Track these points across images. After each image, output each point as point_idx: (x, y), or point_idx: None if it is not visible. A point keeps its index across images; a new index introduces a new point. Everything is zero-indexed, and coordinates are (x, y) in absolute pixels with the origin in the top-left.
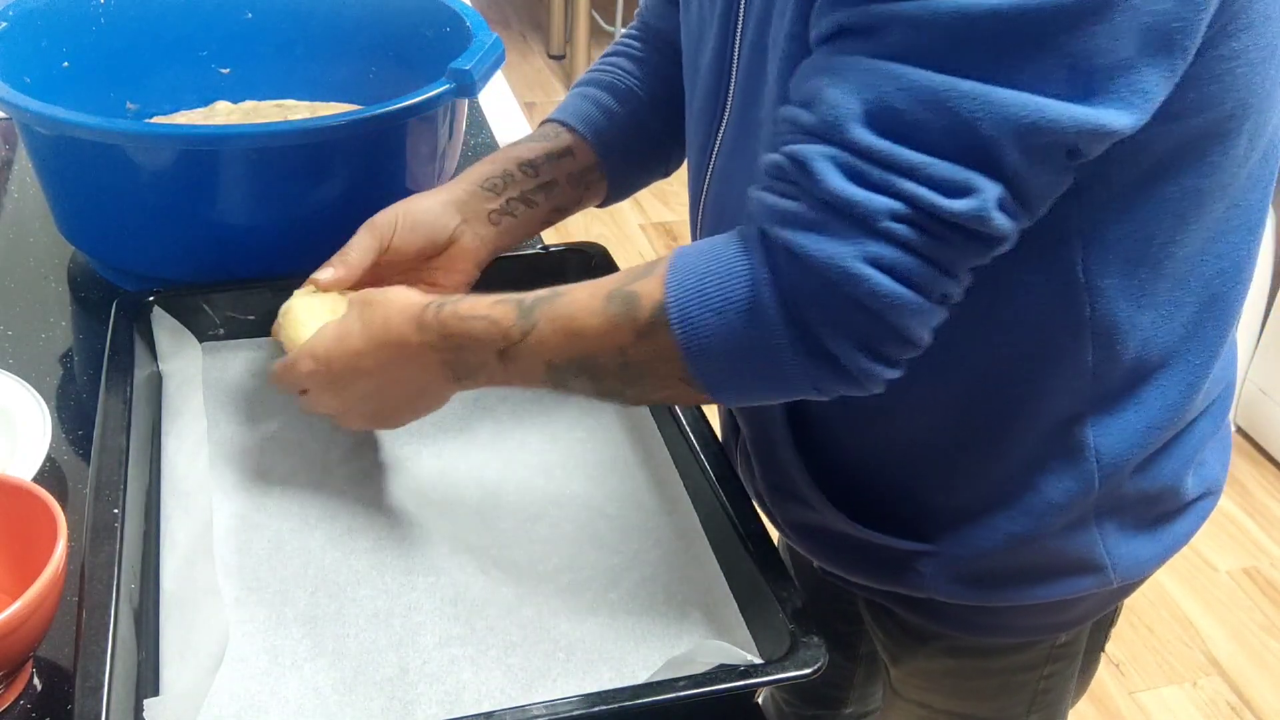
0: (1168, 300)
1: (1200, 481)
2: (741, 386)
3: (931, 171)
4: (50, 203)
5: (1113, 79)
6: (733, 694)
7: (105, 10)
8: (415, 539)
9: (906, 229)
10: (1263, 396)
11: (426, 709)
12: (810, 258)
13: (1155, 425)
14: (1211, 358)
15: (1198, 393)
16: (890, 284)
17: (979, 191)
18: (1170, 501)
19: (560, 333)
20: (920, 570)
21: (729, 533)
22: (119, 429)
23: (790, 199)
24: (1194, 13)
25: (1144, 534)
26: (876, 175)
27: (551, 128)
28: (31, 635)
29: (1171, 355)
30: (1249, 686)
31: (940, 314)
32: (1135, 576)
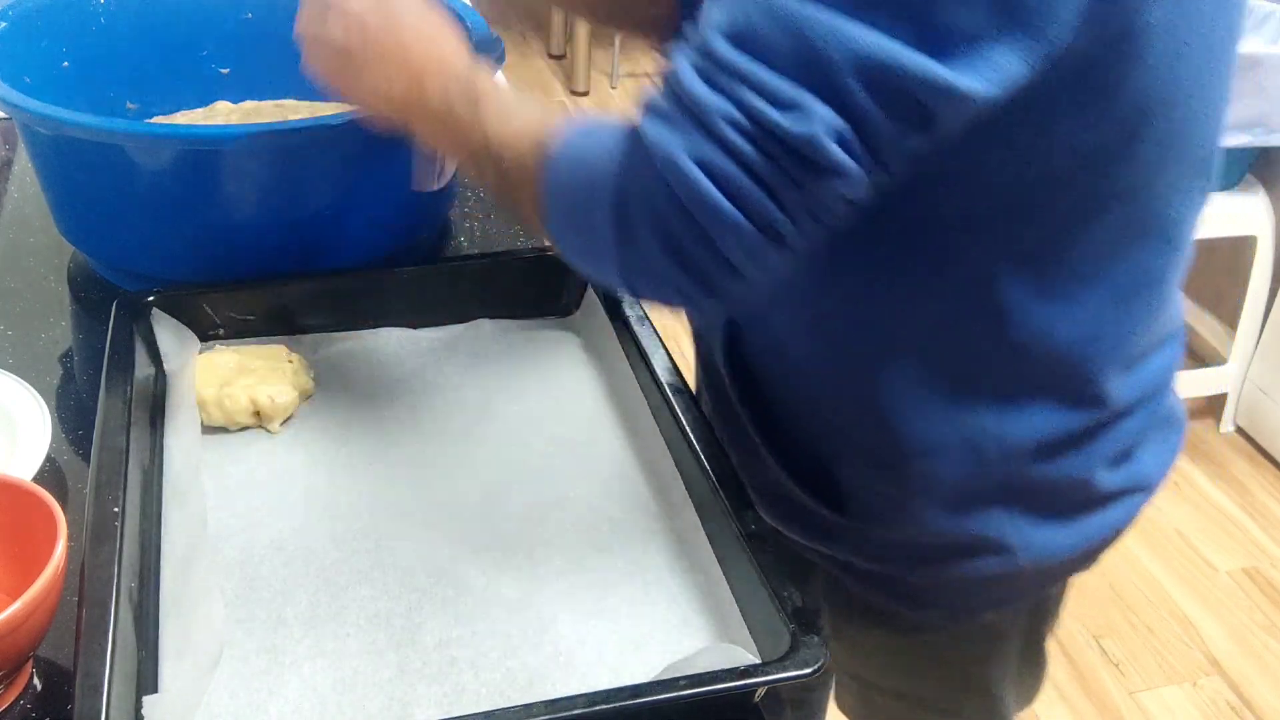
0: (1067, 295)
1: (1126, 477)
2: (573, 248)
3: (770, 84)
4: (50, 203)
5: (962, 44)
6: (733, 694)
7: (105, 10)
8: (416, 540)
9: (737, 136)
10: (1263, 396)
11: (426, 710)
12: (650, 144)
13: (1055, 417)
14: (1124, 362)
15: (1103, 393)
16: (711, 189)
17: (811, 111)
18: (1082, 493)
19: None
20: (839, 538)
21: (729, 534)
22: (119, 429)
23: (660, 93)
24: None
25: (1054, 521)
26: (723, 80)
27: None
28: (31, 635)
29: (1074, 353)
30: (1249, 686)
31: (767, 250)
32: (1047, 560)
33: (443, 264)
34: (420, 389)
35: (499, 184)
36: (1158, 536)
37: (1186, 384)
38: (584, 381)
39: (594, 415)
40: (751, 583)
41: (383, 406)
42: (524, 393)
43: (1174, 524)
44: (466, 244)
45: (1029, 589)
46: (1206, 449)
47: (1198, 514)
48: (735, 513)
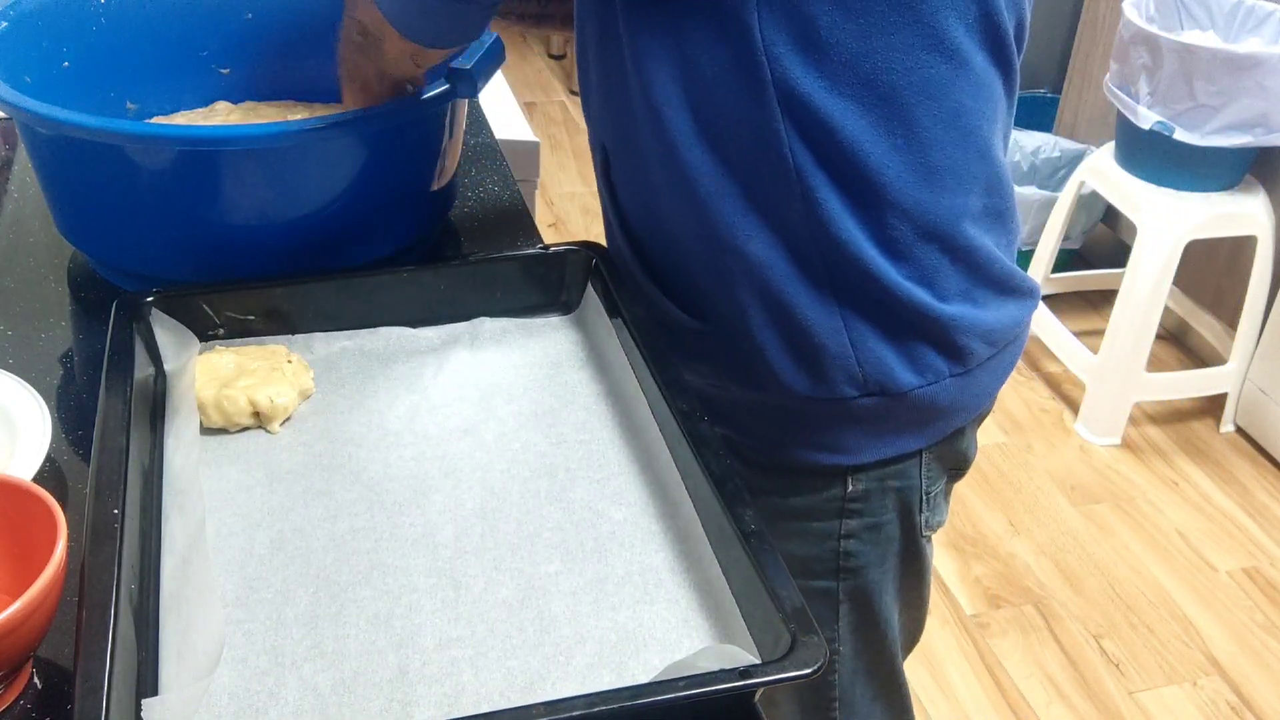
0: (850, 93)
1: (960, 314)
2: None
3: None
4: (50, 203)
5: None
6: (733, 694)
7: (105, 10)
8: (417, 540)
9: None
10: (1263, 396)
11: (426, 710)
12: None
13: (863, 225)
14: (920, 177)
15: (904, 196)
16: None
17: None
18: (914, 316)
19: None
20: (702, 352)
21: (729, 534)
22: (119, 429)
23: None
24: None
25: (890, 343)
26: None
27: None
28: (31, 635)
29: (870, 163)
30: (1249, 686)
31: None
32: (881, 379)
33: (443, 264)
34: (420, 389)
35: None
36: (1158, 536)
37: (1186, 384)
38: (584, 381)
39: (594, 415)
40: (751, 583)
41: (383, 406)
42: (524, 392)
43: (1174, 524)
44: (466, 244)
45: (875, 435)
46: (1206, 449)
47: (1198, 514)
48: (735, 513)
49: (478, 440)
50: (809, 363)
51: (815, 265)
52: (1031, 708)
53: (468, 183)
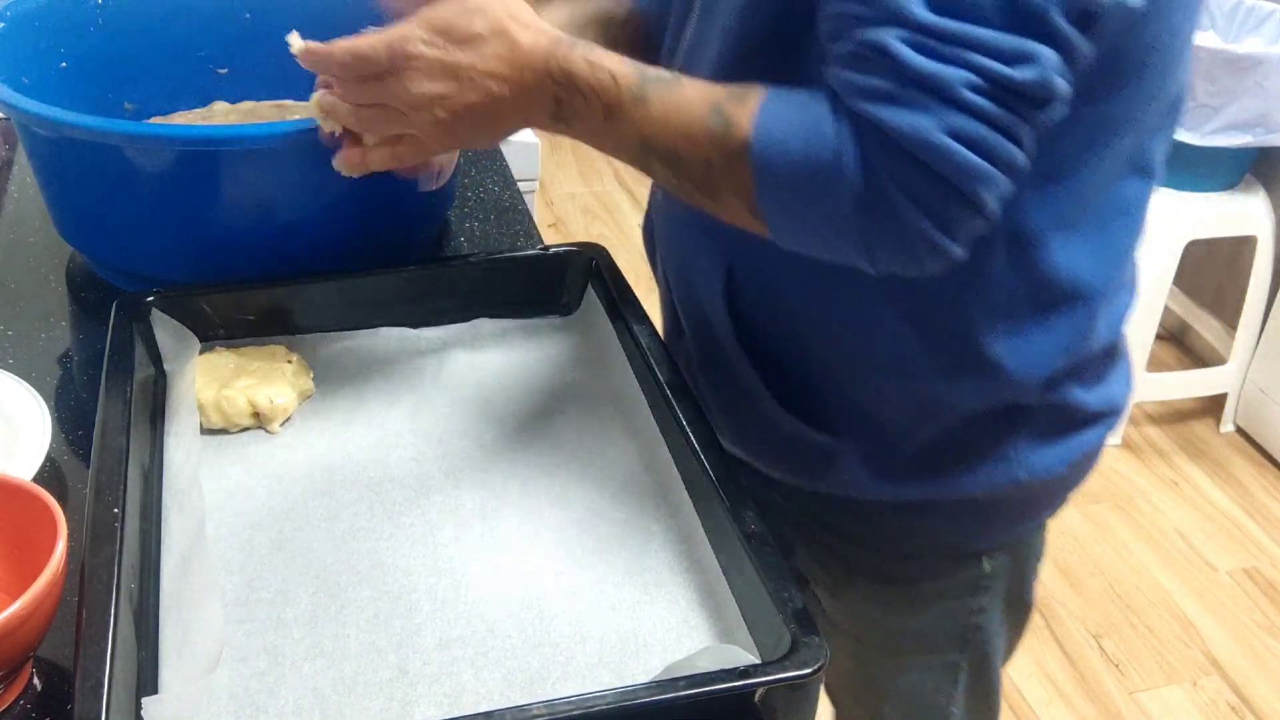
0: (1073, 223)
1: (1102, 400)
2: (802, 237)
3: (996, 44)
4: (49, 203)
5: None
6: (733, 694)
7: (103, 11)
8: (416, 539)
9: (981, 99)
10: (1263, 396)
11: (426, 710)
12: (895, 130)
13: (1063, 350)
14: (1107, 288)
15: (1098, 321)
16: (968, 155)
17: (1040, 59)
18: (1072, 414)
19: (664, 119)
20: (837, 465)
21: (729, 534)
22: (119, 429)
23: (875, 76)
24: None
25: (1049, 441)
26: (946, 50)
27: None
28: (31, 635)
29: (1073, 281)
30: (1249, 686)
31: (1008, 185)
32: (1040, 476)
33: (443, 264)
34: (420, 389)
35: (673, 181)
36: (1158, 536)
37: (1186, 384)
38: (584, 381)
39: (594, 415)
40: (751, 583)
41: (383, 406)
42: (524, 392)
43: (1174, 524)
44: (466, 244)
45: (1019, 517)
46: (1206, 449)
47: (1198, 514)
48: (735, 513)
49: (478, 440)
50: (965, 465)
51: (990, 375)
52: (1031, 707)
53: (468, 183)
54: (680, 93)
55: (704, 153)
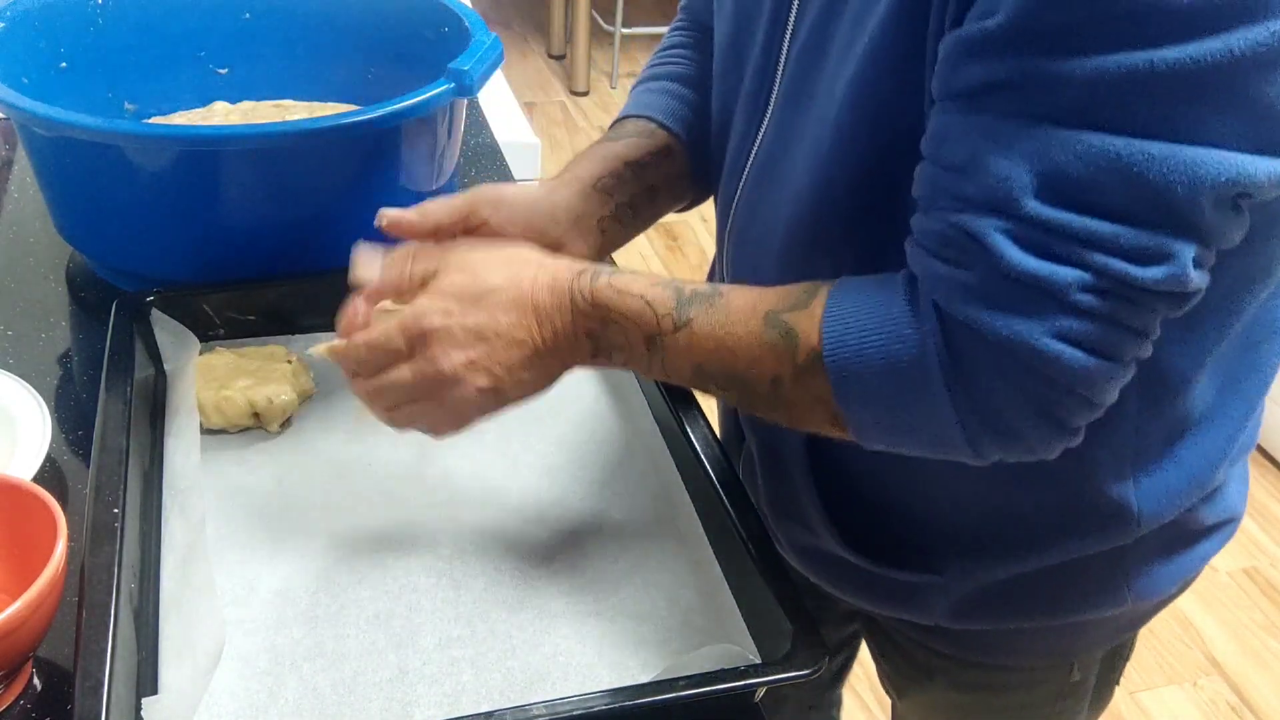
0: (1211, 351)
1: (1220, 510)
2: (896, 441)
3: (1123, 241)
4: (49, 203)
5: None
6: (733, 694)
7: (103, 11)
8: (417, 540)
9: (1097, 299)
10: None
11: (426, 710)
12: (994, 334)
13: (1196, 482)
14: (1250, 409)
15: (1235, 444)
16: (1082, 357)
17: (1176, 257)
18: (1189, 528)
19: (713, 340)
20: (927, 600)
21: (731, 534)
22: (119, 429)
23: (965, 269)
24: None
25: (1161, 561)
26: (1060, 247)
27: (642, 124)
28: (31, 635)
29: (1212, 408)
30: (1249, 686)
31: (1131, 371)
32: (1150, 598)
33: None
34: None
35: (737, 401)
36: None
37: None
38: (584, 381)
39: (594, 415)
40: (752, 583)
41: None
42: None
43: None
44: None
45: (1121, 631)
46: None
47: None
48: (735, 513)
49: (478, 440)
50: (1068, 597)
51: (1116, 519)
52: None
53: (467, 183)
54: (726, 309)
55: (769, 370)
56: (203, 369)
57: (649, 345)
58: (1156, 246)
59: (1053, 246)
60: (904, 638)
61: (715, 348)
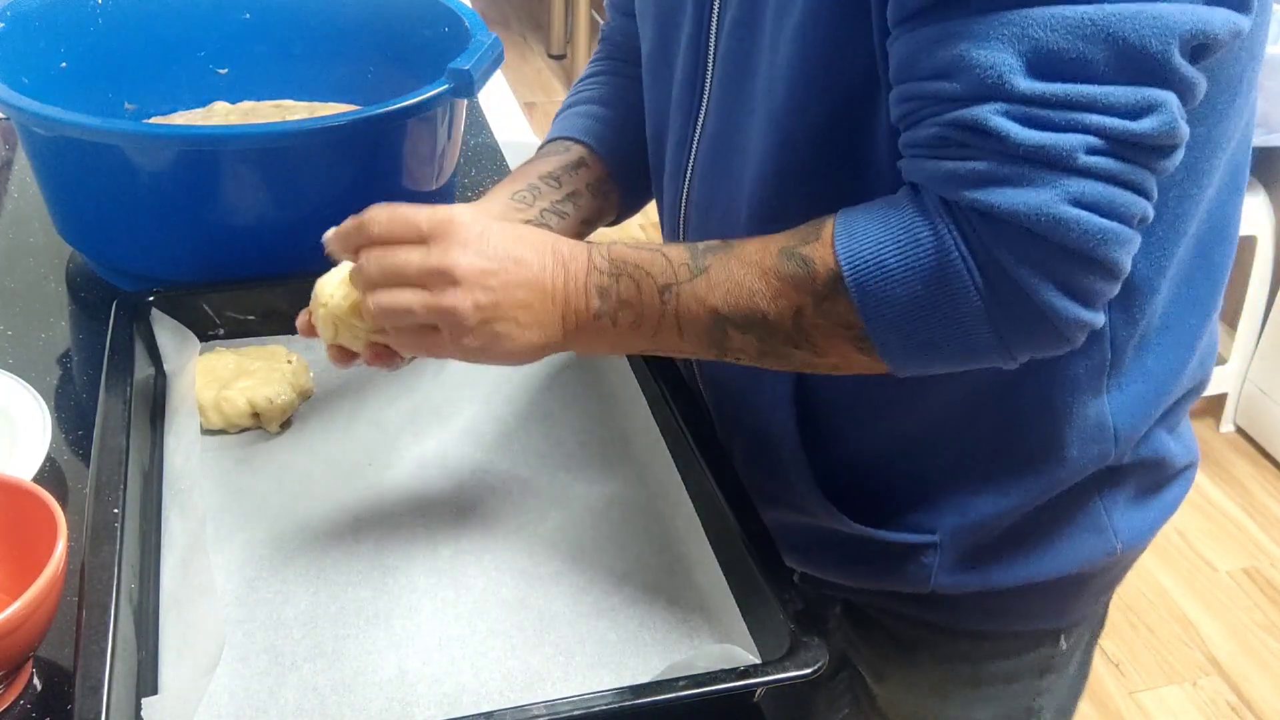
0: (1171, 253)
1: (1185, 451)
2: (924, 355)
3: (1113, 99)
4: (49, 203)
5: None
6: (733, 694)
7: (103, 11)
8: (417, 540)
9: (1105, 159)
10: (1262, 396)
11: (426, 710)
12: (1012, 212)
13: (1162, 392)
14: (1205, 317)
15: (1193, 355)
16: (1098, 220)
17: (1162, 105)
18: (1163, 471)
19: (731, 281)
20: (921, 562)
21: (731, 534)
22: (119, 429)
23: (971, 161)
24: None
25: (1140, 503)
26: (1058, 117)
27: (558, 144)
28: (31, 635)
29: (1170, 316)
30: (1249, 686)
31: (1139, 239)
32: (1135, 544)
33: None
34: (420, 389)
35: (759, 346)
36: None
37: None
38: (584, 382)
39: (593, 415)
40: (752, 583)
41: (382, 406)
42: (523, 393)
43: (1174, 524)
44: None
45: (1104, 589)
46: (1206, 449)
47: (1198, 514)
48: (735, 513)
49: (477, 440)
50: (1059, 543)
51: (1095, 438)
52: None
53: (467, 183)
54: (741, 251)
55: (790, 303)
56: (203, 368)
57: (663, 295)
58: (1145, 99)
59: (1050, 117)
60: (889, 616)
61: (733, 289)
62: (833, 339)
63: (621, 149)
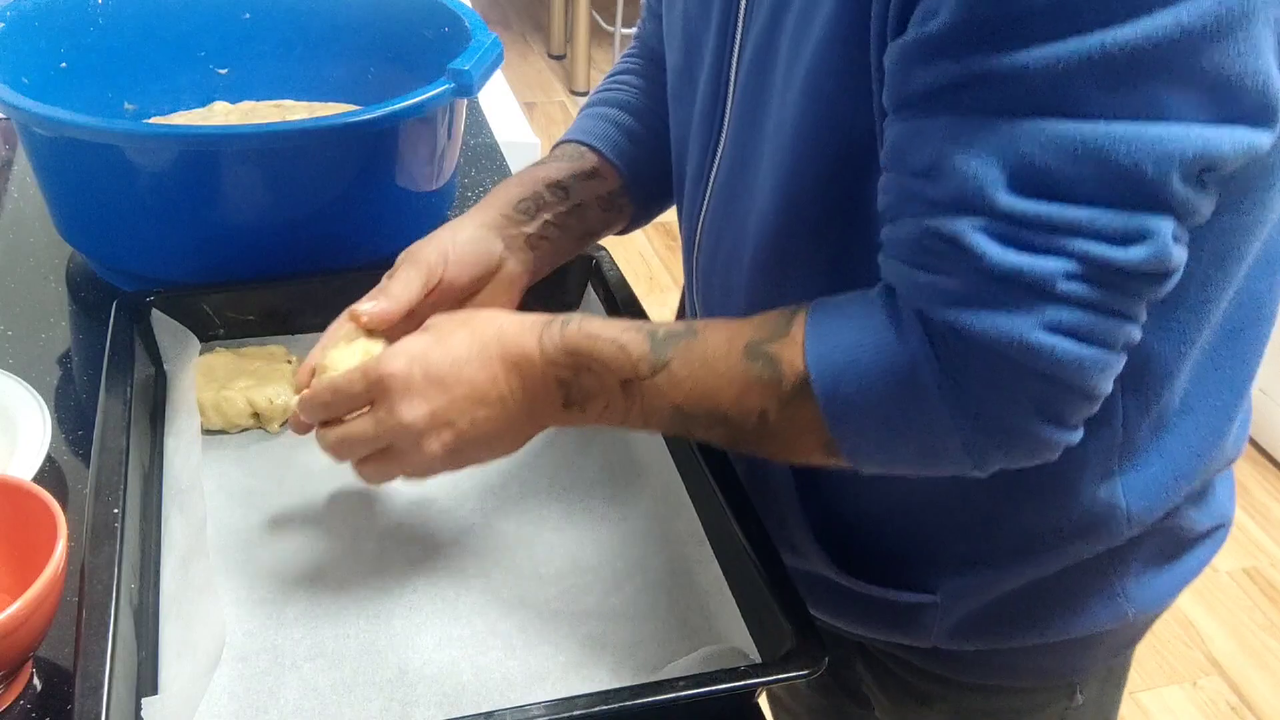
0: (1193, 338)
1: (1212, 515)
2: (890, 462)
3: (1101, 225)
4: (49, 204)
5: (1263, 92)
6: (733, 694)
7: (103, 11)
8: (417, 540)
9: (1084, 287)
10: (1263, 396)
11: (425, 710)
12: (983, 336)
13: (1182, 476)
14: (1236, 399)
15: (1225, 438)
16: (1076, 347)
17: (1155, 234)
18: (1181, 536)
19: (694, 379)
20: (923, 621)
21: (730, 534)
22: (119, 429)
23: (945, 275)
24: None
25: (1157, 570)
26: (1039, 239)
27: (573, 148)
28: (31, 635)
29: (1194, 398)
30: (1249, 686)
31: (1123, 359)
32: (1151, 609)
33: None
34: None
35: (723, 439)
36: None
37: None
38: None
39: None
40: (752, 583)
41: None
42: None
43: None
44: None
45: (1122, 647)
46: None
47: None
48: (735, 513)
49: None
50: (1067, 609)
51: (1106, 518)
52: None
53: (467, 183)
54: (705, 345)
55: (755, 404)
56: (203, 369)
57: (625, 390)
58: (1135, 227)
59: (1031, 239)
60: (900, 665)
61: (696, 387)
62: (799, 439)
63: (640, 162)
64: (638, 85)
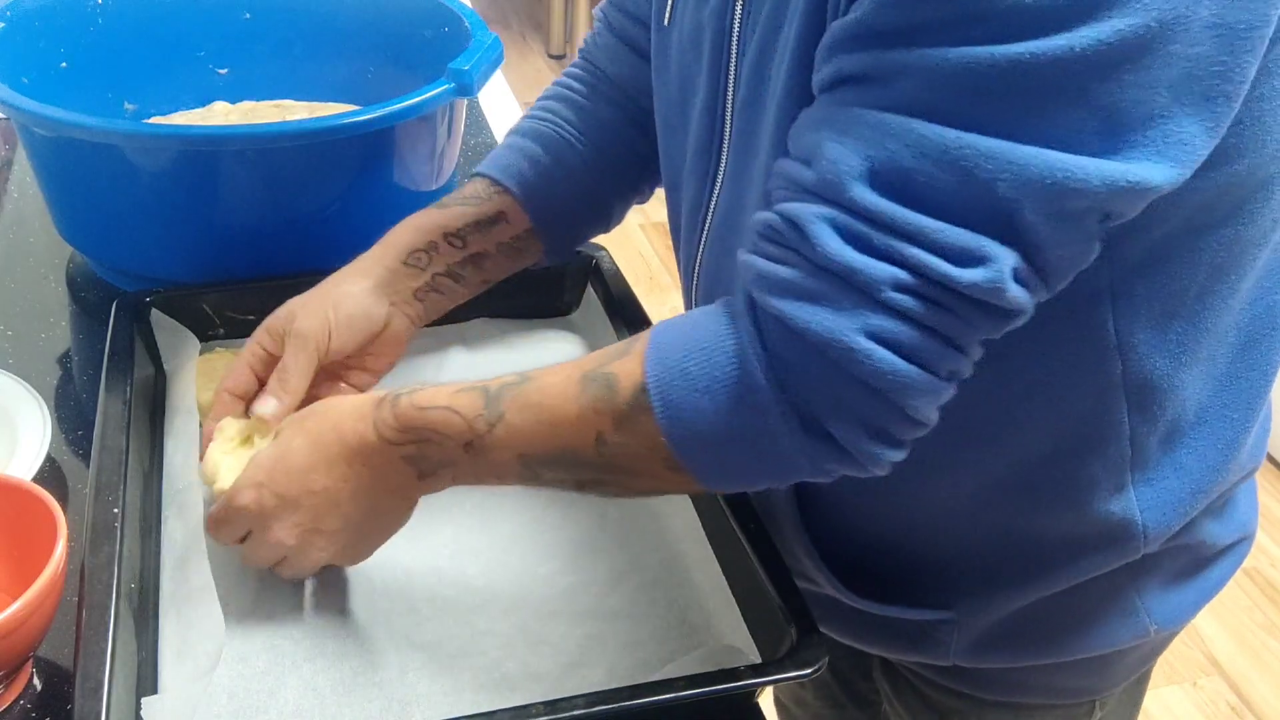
0: (1203, 354)
1: (1233, 528)
2: (735, 472)
3: (941, 238)
4: (49, 203)
5: (1148, 130)
6: (733, 694)
7: (103, 11)
8: (416, 540)
9: (912, 300)
10: None
11: (426, 710)
12: (806, 330)
13: (1199, 489)
14: (1251, 411)
15: (1240, 450)
16: (894, 360)
17: (993, 261)
18: (1203, 551)
19: (531, 422)
20: (939, 639)
21: (730, 533)
22: (119, 429)
23: (782, 264)
24: (1235, 57)
25: (1178, 585)
26: (879, 240)
27: (483, 186)
28: (31, 635)
29: (1208, 411)
30: (1249, 686)
31: (949, 391)
32: (1173, 625)
33: None
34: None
35: (574, 481)
36: None
37: None
38: None
39: None
40: (752, 583)
41: None
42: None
43: None
44: None
45: (1144, 661)
46: None
47: None
48: (735, 513)
49: None
50: (1085, 626)
51: (1120, 534)
52: None
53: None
54: (539, 385)
55: (591, 429)
56: (203, 368)
57: (469, 451)
58: (975, 247)
59: (873, 239)
60: (919, 679)
61: (536, 430)
62: (642, 462)
63: (552, 202)
64: (564, 116)
